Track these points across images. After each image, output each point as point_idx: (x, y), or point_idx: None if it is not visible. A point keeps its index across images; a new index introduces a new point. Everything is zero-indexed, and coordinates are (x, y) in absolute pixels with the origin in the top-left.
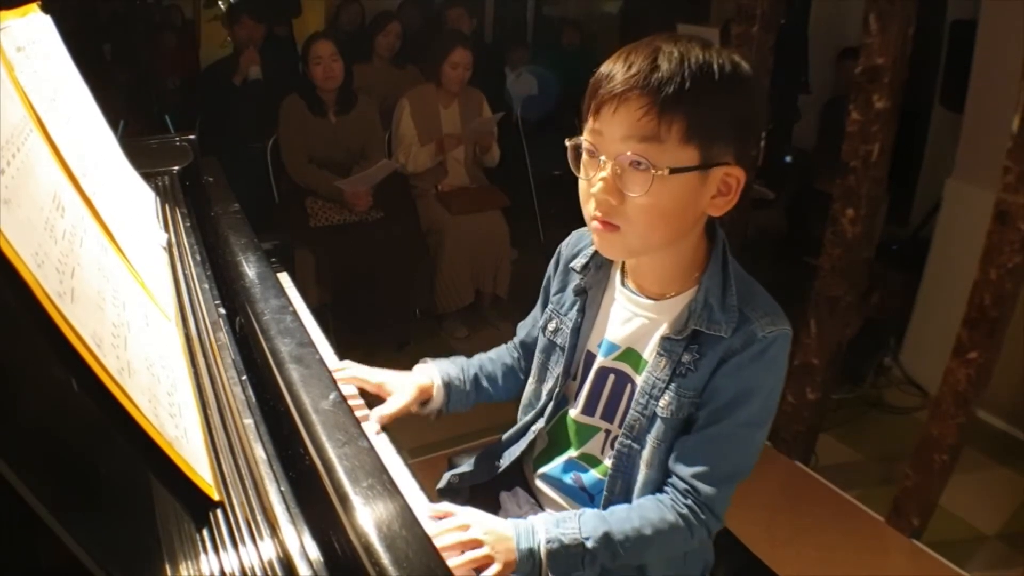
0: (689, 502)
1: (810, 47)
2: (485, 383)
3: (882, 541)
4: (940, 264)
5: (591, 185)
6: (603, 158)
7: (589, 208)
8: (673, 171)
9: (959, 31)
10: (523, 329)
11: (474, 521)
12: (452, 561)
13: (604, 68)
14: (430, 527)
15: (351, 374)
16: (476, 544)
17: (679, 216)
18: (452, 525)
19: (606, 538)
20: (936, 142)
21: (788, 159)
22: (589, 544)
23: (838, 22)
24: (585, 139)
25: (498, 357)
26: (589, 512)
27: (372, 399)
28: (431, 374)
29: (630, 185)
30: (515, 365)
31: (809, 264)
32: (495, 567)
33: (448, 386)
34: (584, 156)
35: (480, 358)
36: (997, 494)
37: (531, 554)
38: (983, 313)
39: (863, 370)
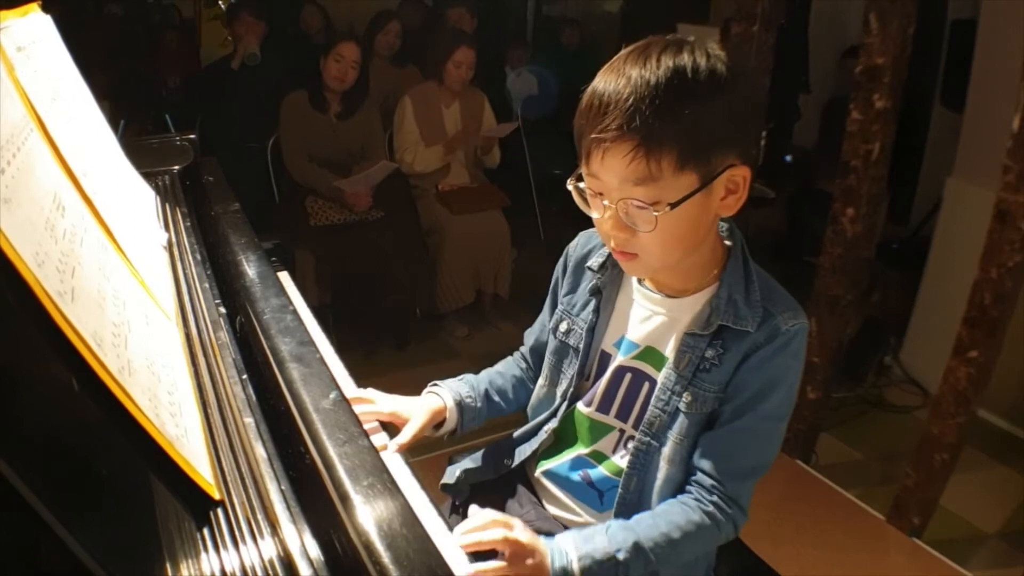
0: (715, 498)
1: (810, 47)
2: (496, 397)
3: (883, 540)
4: (940, 263)
5: (602, 222)
6: (606, 202)
7: (608, 241)
8: (674, 205)
9: (959, 31)
10: (531, 336)
11: (518, 525)
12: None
13: (584, 102)
14: (472, 520)
15: (363, 409)
16: (518, 546)
17: (693, 233)
18: (496, 519)
19: (636, 547)
20: (936, 141)
21: (788, 158)
22: (620, 556)
23: (838, 22)
24: (585, 181)
25: (506, 370)
26: (615, 524)
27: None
28: (443, 396)
29: (637, 222)
30: (524, 376)
31: (809, 263)
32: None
33: (460, 405)
34: (588, 196)
35: (488, 373)
36: (997, 493)
37: (565, 574)
38: (983, 312)
39: (863, 369)
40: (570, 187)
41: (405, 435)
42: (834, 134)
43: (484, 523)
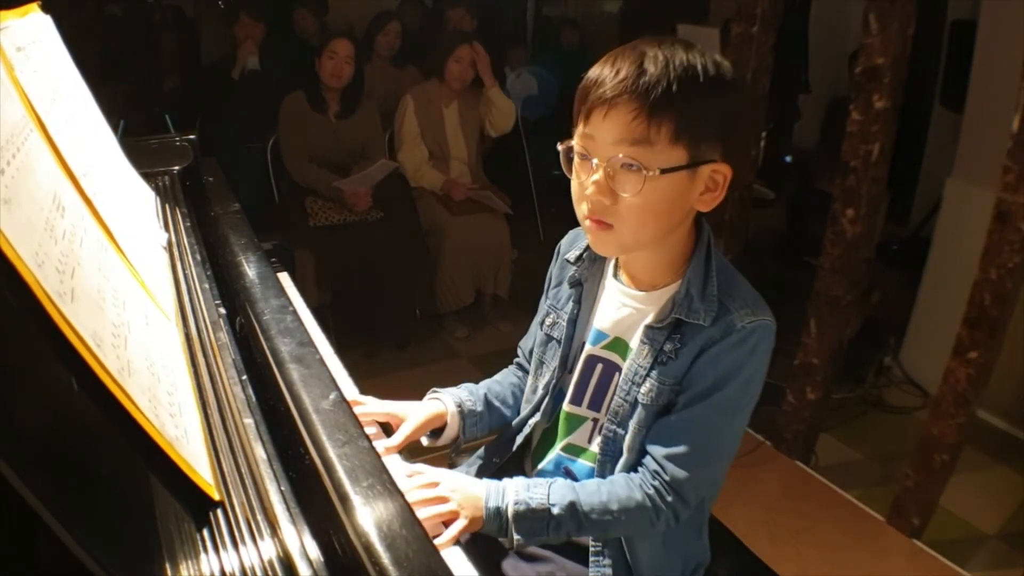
0: (656, 483)
1: (810, 47)
2: (497, 403)
3: (882, 541)
4: (940, 264)
5: (584, 187)
6: (595, 161)
7: (582, 208)
8: (664, 171)
9: (959, 31)
10: (528, 340)
11: (443, 478)
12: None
13: (592, 73)
14: (401, 484)
15: (357, 411)
16: (443, 501)
17: (669, 213)
18: (421, 482)
19: (572, 507)
20: (936, 142)
21: (788, 159)
22: (555, 511)
23: (838, 22)
24: (577, 143)
25: (504, 378)
26: (560, 481)
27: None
28: (444, 401)
29: (622, 186)
30: (522, 384)
31: (809, 264)
32: (461, 522)
33: (461, 408)
34: (576, 159)
35: (487, 382)
36: (997, 494)
37: (498, 513)
38: (983, 313)
39: (863, 370)
40: (560, 148)
41: (398, 436)
42: (836, 135)
43: (414, 501)
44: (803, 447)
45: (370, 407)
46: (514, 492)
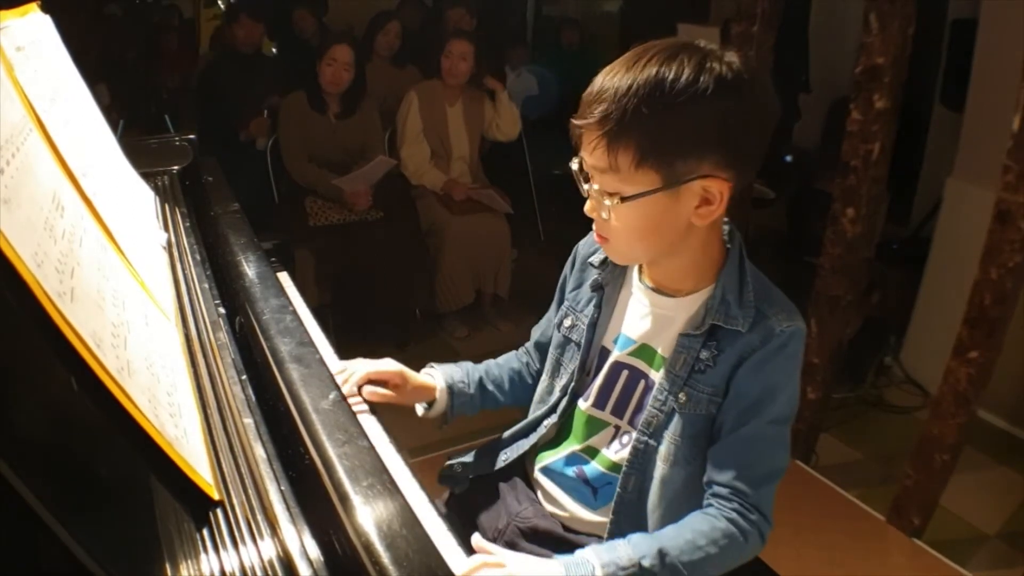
0: (734, 506)
1: (810, 47)
2: (491, 388)
3: (882, 540)
4: (941, 263)
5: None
6: (587, 186)
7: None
8: (625, 199)
9: (959, 31)
10: (537, 330)
11: (510, 561)
12: None
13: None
14: (465, 566)
15: (342, 379)
16: None
17: (656, 232)
18: (487, 561)
19: (661, 554)
20: (936, 142)
21: (788, 159)
22: (645, 563)
23: (838, 22)
24: (576, 165)
25: (505, 362)
26: (637, 535)
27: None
28: (435, 377)
29: (600, 208)
30: (523, 370)
31: (809, 263)
32: None
33: (451, 389)
34: (579, 175)
35: (487, 363)
36: (997, 493)
37: None
38: (983, 312)
39: (864, 369)
40: (573, 166)
41: (384, 388)
42: (837, 135)
43: (472, 569)
44: (803, 447)
45: (349, 371)
46: (597, 557)
